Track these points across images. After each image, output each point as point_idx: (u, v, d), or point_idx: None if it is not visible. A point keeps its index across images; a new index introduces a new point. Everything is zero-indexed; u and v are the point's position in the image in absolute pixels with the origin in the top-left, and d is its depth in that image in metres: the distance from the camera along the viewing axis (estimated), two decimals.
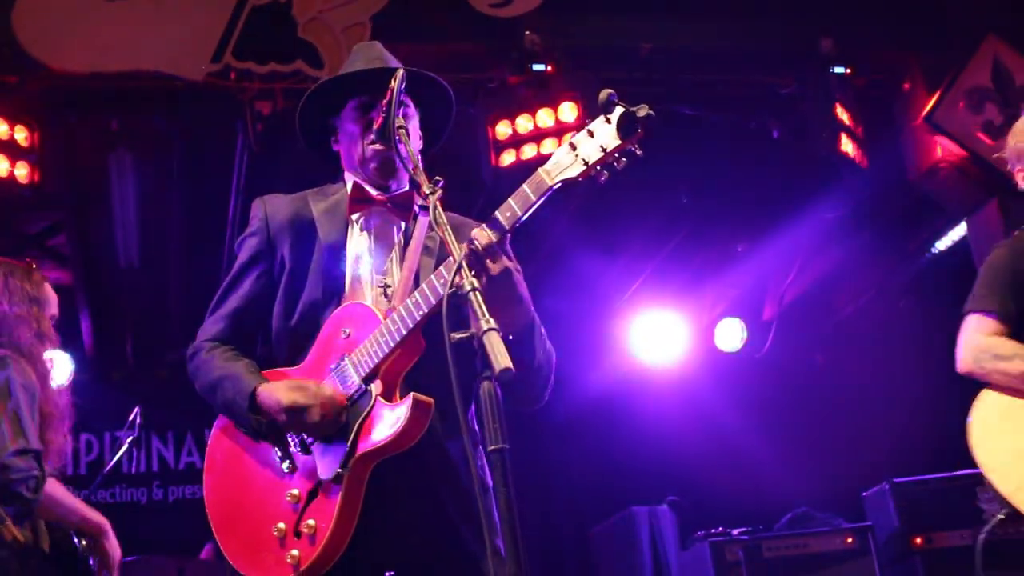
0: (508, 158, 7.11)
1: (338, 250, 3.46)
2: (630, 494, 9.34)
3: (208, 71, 6.69)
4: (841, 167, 7.53)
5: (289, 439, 3.30)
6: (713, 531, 7.79)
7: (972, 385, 4.72)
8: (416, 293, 3.13)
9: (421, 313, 3.10)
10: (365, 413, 3.16)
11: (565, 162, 2.93)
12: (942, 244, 8.89)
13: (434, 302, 3.07)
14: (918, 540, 7.37)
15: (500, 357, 2.54)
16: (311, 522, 3.15)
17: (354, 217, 3.52)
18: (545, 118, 7.05)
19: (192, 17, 6.75)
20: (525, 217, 3.00)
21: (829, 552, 7.60)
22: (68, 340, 5.30)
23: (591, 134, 2.89)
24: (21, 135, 6.55)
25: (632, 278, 10.09)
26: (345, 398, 3.21)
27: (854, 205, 8.44)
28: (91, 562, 4.68)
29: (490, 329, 2.60)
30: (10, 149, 6.54)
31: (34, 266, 5.13)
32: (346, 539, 3.13)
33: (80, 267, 8.81)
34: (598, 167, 2.90)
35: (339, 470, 3.14)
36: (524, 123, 7.08)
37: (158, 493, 10.56)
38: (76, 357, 8.84)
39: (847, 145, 7.43)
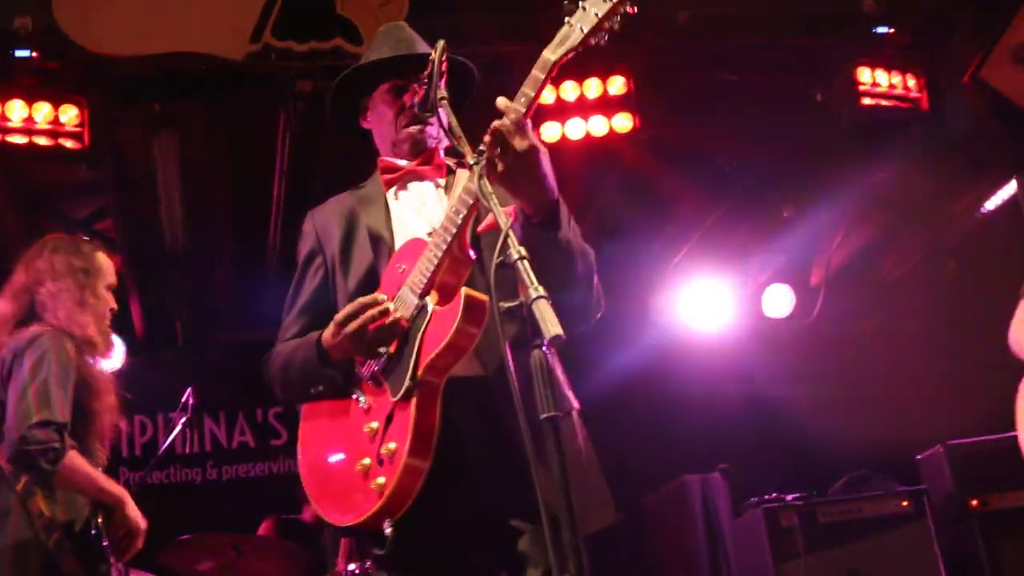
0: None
1: (380, 219, 3.53)
2: (681, 462, 9.32)
3: (248, 51, 6.70)
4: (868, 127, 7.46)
5: (362, 378, 3.32)
6: (766, 497, 7.77)
7: None
8: (450, 211, 3.18)
9: (461, 216, 3.14)
10: (425, 323, 3.19)
11: (566, 36, 2.98)
12: (991, 203, 8.79)
13: (471, 202, 3.11)
14: (974, 502, 7.34)
15: (551, 324, 2.53)
16: (391, 445, 3.15)
17: (392, 188, 3.60)
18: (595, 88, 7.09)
19: None
20: (537, 95, 3.05)
21: (884, 516, 7.56)
22: (118, 323, 5.37)
23: (584, 7, 2.95)
24: (67, 116, 6.58)
25: (679, 245, 10.05)
26: (406, 321, 3.23)
27: (901, 166, 8.36)
28: (104, 543, 4.73)
29: (539, 297, 2.59)
30: (56, 129, 6.59)
31: (85, 238, 5.20)
32: (425, 459, 3.11)
33: (127, 250, 8.86)
34: (597, 30, 2.95)
35: (409, 383, 3.16)
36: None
37: (212, 473, 10.63)
38: (127, 340, 8.92)
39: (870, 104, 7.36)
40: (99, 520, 4.69)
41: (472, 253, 3.23)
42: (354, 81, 3.76)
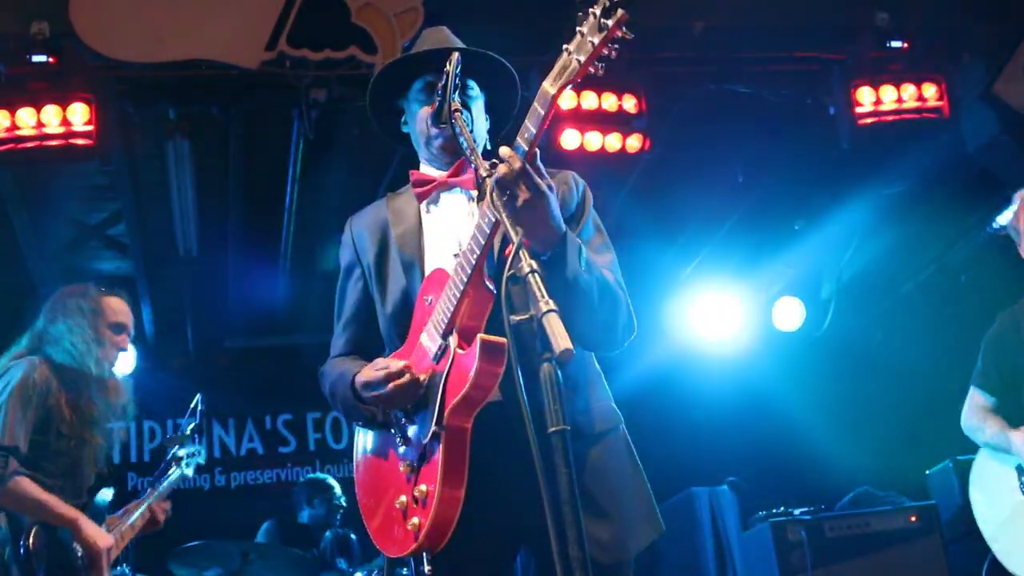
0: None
1: (411, 234, 3.54)
2: (689, 475, 9.30)
3: (263, 59, 6.72)
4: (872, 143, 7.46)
5: (397, 415, 3.36)
6: (774, 511, 7.76)
7: None
8: (470, 239, 3.16)
9: (476, 255, 3.13)
10: (448, 368, 3.20)
11: (565, 67, 2.95)
12: (1003, 218, 8.76)
13: (483, 241, 3.10)
14: None
15: (560, 338, 2.54)
16: (423, 487, 3.19)
17: (424, 202, 3.59)
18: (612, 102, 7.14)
19: (246, 5, 6.78)
20: (540, 132, 3.01)
21: (893, 531, 7.54)
22: None
23: (581, 34, 2.91)
24: (76, 115, 6.58)
25: (690, 258, 10.05)
26: (432, 362, 3.25)
27: (913, 180, 8.35)
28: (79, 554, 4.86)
29: (550, 311, 2.59)
30: (66, 130, 6.60)
31: (92, 284, 5.46)
32: (457, 498, 3.14)
33: (140, 256, 8.89)
34: (594, 60, 2.90)
35: (434, 429, 3.18)
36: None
37: (220, 479, 10.66)
38: (137, 345, 8.93)
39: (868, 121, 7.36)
40: (28, 540, 4.77)
41: (492, 286, 3.21)
42: (390, 83, 3.73)
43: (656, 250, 9.64)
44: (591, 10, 2.86)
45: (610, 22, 2.81)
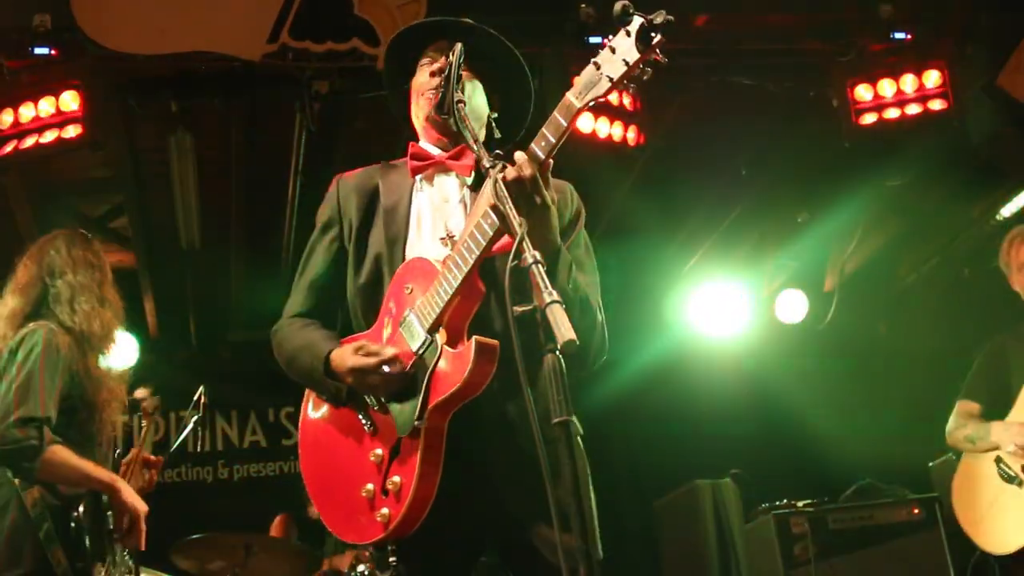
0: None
1: (399, 208, 3.50)
2: (693, 467, 9.31)
3: (265, 51, 6.71)
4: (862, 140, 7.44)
5: (367, 399, 3.33)
6: (777, 503, 7.76)
7: None
8: (467, 236, 3.14)
9: (474, 256, 3.11)
10: (433, 363, 3.17)
11: (592, 82, 2.90)
12: (1007, 210, 8.76)
13: (484, 242, 3.08)
14: None
15: (564, 329, 2.53)
16: (396, 479, 3.18)
17: (417, 177, 3.54)
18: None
19: None
20: (559, 143, 2.99)
21: (896, 523, 7.55)
22: (131, 322, 5.38)
23: (613, 50, 2.85)
24: (67, 104, 6.53)
25: (693, 250, 10.04)
26: (412, 354, 3.22)
27: (916, 172, 8.34)
28: (109, 530, 4.77)
29: (553, 301, 2.58)
30: (60, 119, 6.56)
31: (88, 234, 5.24)
32: (430, 493, 3.14)
33: (142, 249, 8.90)
34: (624, 81, 2.86)
35: (416, 423, 3.16)
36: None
37: (223, 472, 10.67)
38: (140, 338, 8.95)
39: (870, 118, 7.33)
40: (78, 509, 4.69)
41: (482, 286, 3.20)
42: (401, 61, 3.69)
43: (659, 242, 9.65)
44: (626, 28, 2.80)
45: (646, 46, 2.77)
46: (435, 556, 3.25)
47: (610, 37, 2.86)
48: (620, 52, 2.82)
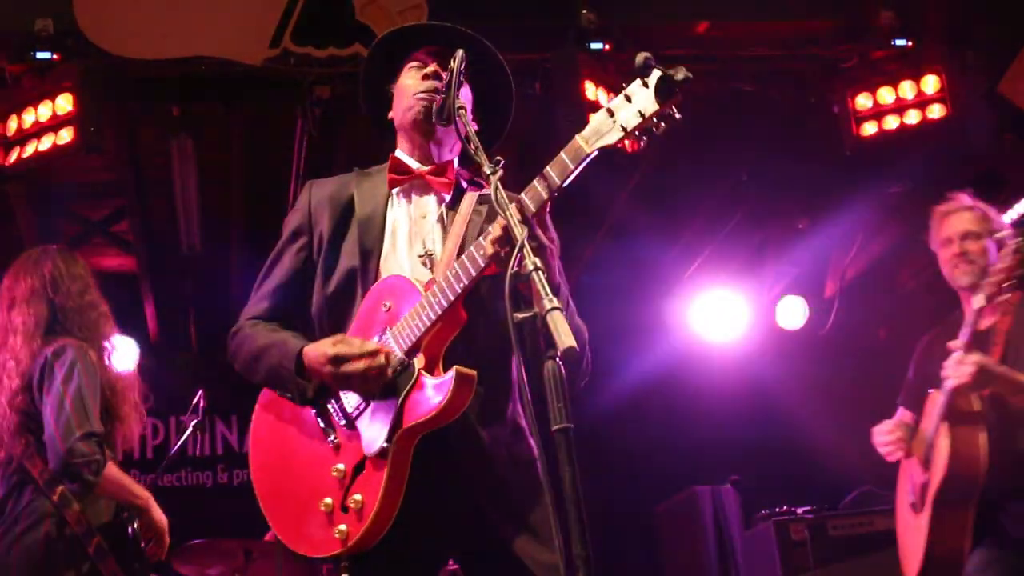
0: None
1: (375, 220, 3.46)
2: (693, 473, 9.31)
3: (267, 56, 6.72)
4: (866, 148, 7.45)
5: (333, 412, 3.30)
6: (777, 510, 7.75)
7: None
8: (456, 265, 3.11)
9: (462, 285, 3.09)
10: (409, 386, 3.14)
11: (603, 128, 2.86)
12: (1007, 217, 8.76)
13: (474, 274, 3.06)
14: None
15: (564, 336, 2.52)
16: (358, 497, 3.16)
17: (394, 190, 3.51)
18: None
19: (250, 2, 6.79)
20: (564, 185, 2.94)
21: (895, 530, 7.53)
22: (132, 325, 5.41)
23: (628, 99, 2.80)
24: (62, 108, 6.53)
25: (693, 256, 10.04)
26: (391, 355, 3.19)
27: (917, 178, 8.34)
28: (140, 543, 4.92)
29: (553, 308, 2.58)
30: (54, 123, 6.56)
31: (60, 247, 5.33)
32: (392, 514, 3.13)
33: (143, 253, 8.89)
34: (636, 132, 2.81)
35: (384, 444, 3.13)
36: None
37: (223, 476, 10.65)
38: (140, 342, 8.94)
39: (870, 128, 7.34)
40: (134, 523, 4.85)
41: (464, 314, 3.17)
42: (383, 69, 3.67)
43: (659, 248, 9.63)
44: (644, 78, 2.76)
45: (664, 100, 2.73)
46: (392, 571, 3.24)
47: (624, 85, 2.82)
48: (636, 103, 2.78)
